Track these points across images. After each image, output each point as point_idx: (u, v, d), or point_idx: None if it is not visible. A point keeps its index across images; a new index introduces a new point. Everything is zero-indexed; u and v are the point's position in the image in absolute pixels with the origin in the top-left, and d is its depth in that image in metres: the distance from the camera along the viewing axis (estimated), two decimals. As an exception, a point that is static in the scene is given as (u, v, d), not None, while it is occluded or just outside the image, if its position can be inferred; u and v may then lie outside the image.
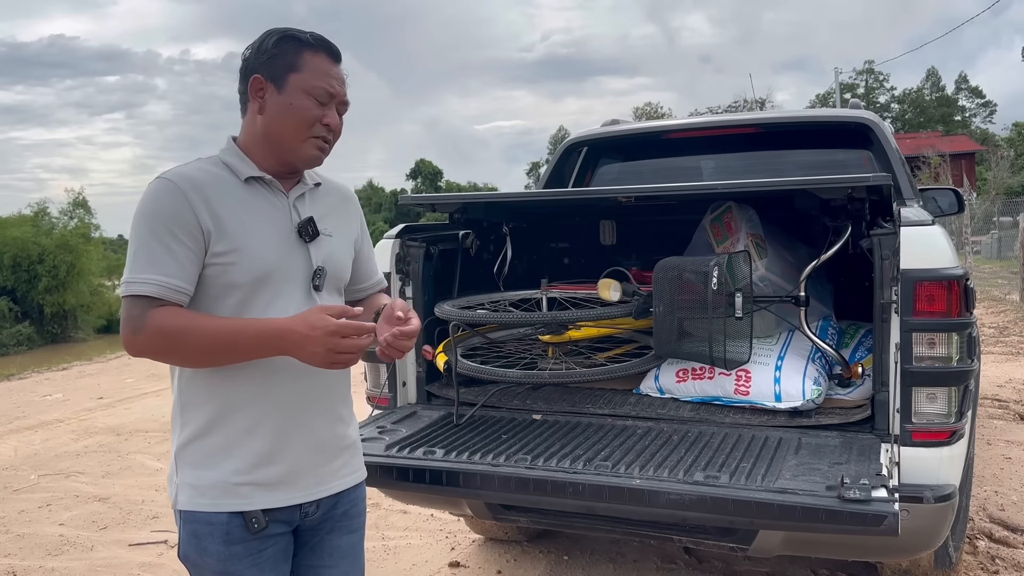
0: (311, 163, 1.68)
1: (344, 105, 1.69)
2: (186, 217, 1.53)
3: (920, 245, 2.27)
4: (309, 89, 1.62)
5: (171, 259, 1.52)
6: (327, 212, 1.75)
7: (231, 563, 1.60)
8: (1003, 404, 6.10)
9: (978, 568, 3.33)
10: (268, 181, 1.65)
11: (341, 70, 1.69)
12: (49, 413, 7.37)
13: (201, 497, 1.61)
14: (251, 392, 1.60)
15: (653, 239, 3.58)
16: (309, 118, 1.62)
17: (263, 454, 1.61)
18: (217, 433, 1.61)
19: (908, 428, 2.26)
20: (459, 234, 3.20)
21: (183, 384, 1.64)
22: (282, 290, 1.61)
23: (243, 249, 1.57)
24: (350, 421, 1.81)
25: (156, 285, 1.51)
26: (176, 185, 1.54)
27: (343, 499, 1.77)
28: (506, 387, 3.03)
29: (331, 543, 1.77)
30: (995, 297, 13.46)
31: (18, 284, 20.95)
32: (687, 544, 2.96)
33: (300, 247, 1.66)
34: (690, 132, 4.54)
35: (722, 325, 2.52)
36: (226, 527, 1.59)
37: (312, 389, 1.66)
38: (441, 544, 3.83)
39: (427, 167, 63.02)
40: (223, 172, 1.62)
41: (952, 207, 4.28)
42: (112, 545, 4.03)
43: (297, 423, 1.64)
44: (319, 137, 1.65)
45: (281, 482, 1.63)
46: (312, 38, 1.65)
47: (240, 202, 1.60)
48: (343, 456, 1.76)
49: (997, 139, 48.24)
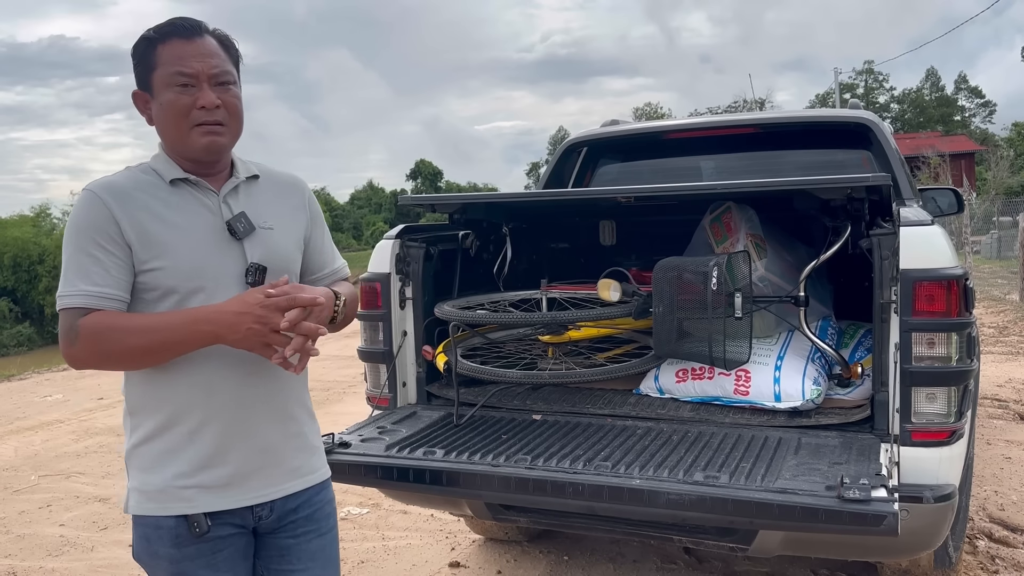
0: (209, 151, 1.60)
1: (218, 76, 1.58)
2: (108, 227, 1.52)
3: (920, 245, 2.27)
4: (168, 80, 1.56)
5: (99, 268, 1.52)
6: (266, 204, 1.70)
7: (183, 564, 1.59)
8: (1003, 404, 6.10)
9: (978, 568, 3.34)
10: (194, 181, 1.62)
11: (204, 42, 1.59)
12: (49, 414, 7.37)
13: (149, 501, 1.60)
14: (193, 395, 1.58)
15: (653, 239, 3.58)
16: (180, 108, 1.56)
17: (207, 457, 1.59)
18: (162, 437, 1.60)
19: (908, 428, 2.26)
20: (459, 234, 3.20)
21: (129, 390, 1.64)
22: (216, 290, 1.57)
23: (170, 254, 1.55)
24: (306, 422, 1.76)
25: (85, 295, 1.51)
26: (97, 196, 1.54)
27: (303, 501, 1.73)
28: (506, 387, 3.03)
29: (299, 547, 1.73)
30: (995, 297, 13.46)
31: (18, 285, 20.97)
32: (687, 544, 2.96)
33: (233, 245, 1.61)
34: (690, 132, 4.54)
35: (722, 325, 2.52)
36: (174, 531, 1.59)
37: (257, 390, 1.63)
38: (441, 544, 3.83)
39: (427, 167, 63.06)
40: (150, 177, 1.61)
41: (952, 207, 4.28)
42: (112, 546, 4.03)
43: (241, 425, 1.61)
44: (201, 124, 1.57)
45: (227, 484, 1.61)
46: (157, 29, 1.58)
47: (166, 206, 1.58)
48: (298, 457, 1.71)
49: (997, 139, 48.28)
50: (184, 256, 1.56)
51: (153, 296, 1.56)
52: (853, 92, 50.71)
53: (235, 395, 1.61)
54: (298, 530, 1.73)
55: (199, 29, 1.60)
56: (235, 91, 1.63)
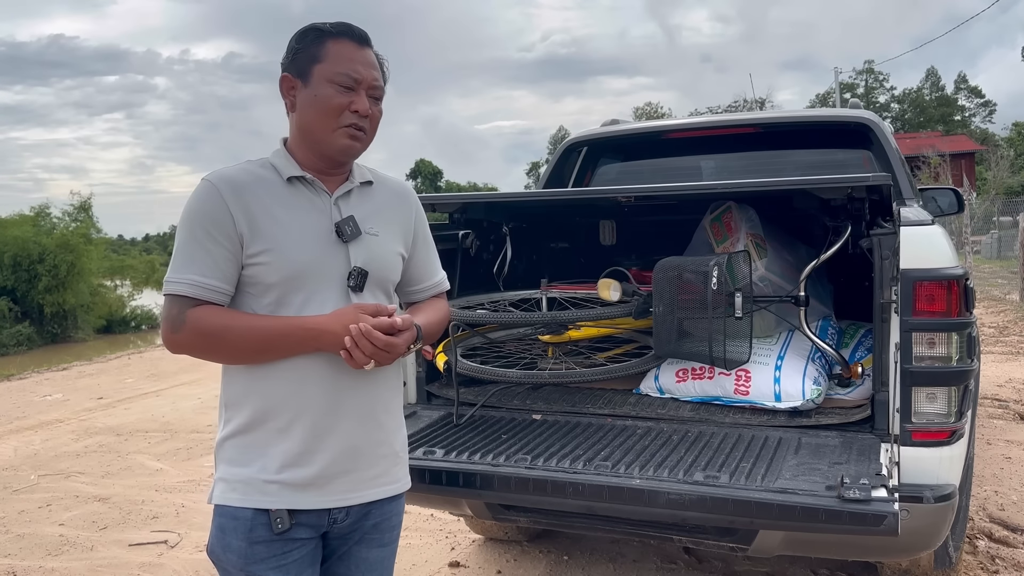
0: (346, 153, 1.65)
1: (375, 89, 1.65)
2: (222, 218, 1.56)
3: (920, 245, 2.26)
4: (332, 77, 1.60)
5: (208, 259, 1.56)
6: (375, 211, 1.72)
7: (252, 563, 1.59)
8: (1003, 404, 6.10)
9: (978, 568, 3.33)
10: (310, 180, 1.65)
11: (370, 53, 1.65)
12: (49, 413, 7.37)
13: (232, 492, 1.61)
14: (286, 393, 1.60)
15: (653, 239, 3.58)
16: (335, 106, 1.60)
17: (294, 455, 1.60)
18: (252, 432, 1.61)
19: (908, 428, 2.26)
20: (459, 234, 3.19)
21: (225, 382, 1.67)
22: (318, 289, 1.60)
23: (277, 249, 1.58)
24: (393, 430, 1.75)
25: (191, 285, 1.55)
26: (214, 187, 1.58)
27: (376, 510, 1.72)
28: (506, 387, 3.03)
29: (359, 554, 1.73)
30: (995, 297, 13.47)
31: (18, 284, 20.92)
32: (687, 544, 2.95)
33: (339, 247, 1.63)
34: (690, 132, 4.54)
35: (722, 325, 2.52)
36: (250, 523, 1.59)
37: (347, 393, 1.63)
38: (441, 544, 3.83)
39: (427, 167, 63.05)
40: (268, 173, 1.64)
41: (952, 207, 4.28)
42: (112, 545, 4.03)
43: (331, 426, 1.62)
44: (349, 125, 1.61)
45: (311, 484, 1.61)
46: (333, 26, 1.63)
47: (280, 202, 1.61)
48: (381, 465, 1.71)
49: (997, 139, 48.26)
50: (289, 252, 1.58)
51: (256, 290, 1.60)
52: (853, 92, 50.73)
53: (326, 396, 1.61)
54: (362, 538, 1.72)
55: (368, 40, 1.66)
56: (380, 108, 1.68)
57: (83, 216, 23.85)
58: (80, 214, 23.82)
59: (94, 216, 24.06)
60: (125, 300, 25.14)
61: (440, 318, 1.83)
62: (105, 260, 24.84)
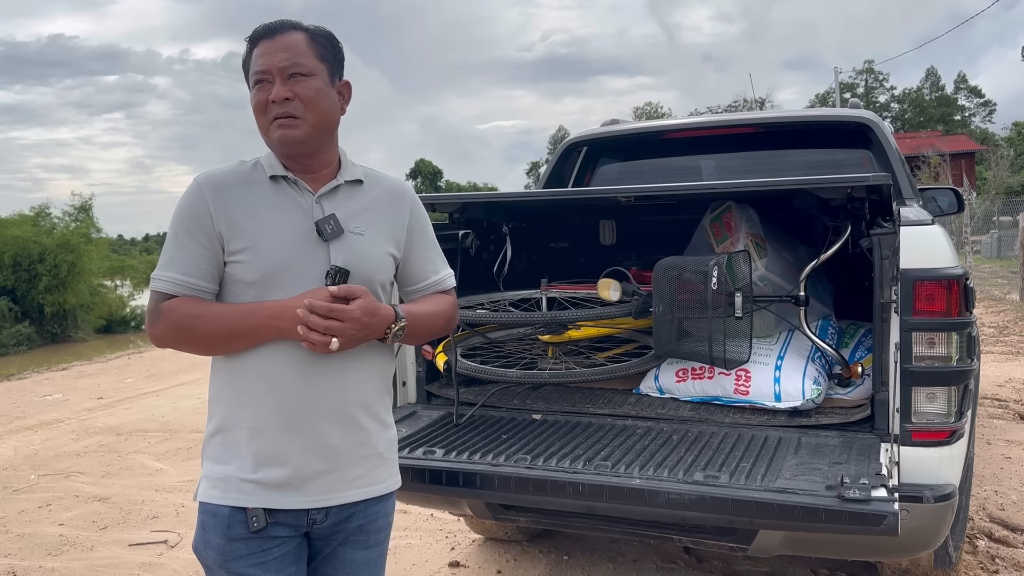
0: (284, 143, 1.62)
1: (289, 68, 1.60)
2: (202, 218, 1.60)
3: (920, 245, 2.26)
4: (251, 81, 1.64)
5: (188, 258, 1.60)
6: (363, 210, 1.70)
7: (231, 560, 1.60)
8: (1003, 404, 6.10)
9: (978, 568, 3.33)
10: (292, 180, 1.66)
11: (280, 39, 1.62)
12: (49, 413, 7.37)
13: (213, 489, 1.63)
14: (259, 391, 1.60)
15: (653, 239, 3.58)
16: (257, 106, 1.63)
17: (268, 454, 1.60)
18: (230, 430, 1.63)
19: (908, 428, 2.26)
20: (459, 234, 3.19)
21: (210, 380, 1.69)
22: (297, 288, 1.59)
23: (255, 248, 1.60)
24: (374, 430, 1.70)
25: (170, 282, 1.60)
26: (199, 187, 1.62)
27: (359, 512, 1.70)
28: (506, 387, 3.03)
29: (344, 555, 1.72)
30: (995, 297, 13.46)
31: (18, 284, 20.93)
32: (687, 544, 2.96)
33: (319, 245, 1.62)
34: (690, 132, 4.54)
35: (722, 325, 2.52)
36: (228, 520, 1.60)
37: (318, 389, 1.62)
38: (441, 544, 3.82)
39: (427, 166, 63.03)
40: (256, 173, 1.67)
41: (952, 207, 4.28)
42: (112, 545, 4.03)
43: (303, 425, 1.61)
44: (276, 117, 1.61)
45: (287, 485, 1.61)
46: (252, 33, 1.65)
47: (264, 202, 1.63)
48: (363, 466, 1.68)
49: (997, 139, 48.27)
50: (267, 251, 1.60)
51: (238, 288, 1.62)
52: (853, 91, 50.72)
53: (297, 394, 1.60)
54: (347, 539, 1.71)
55: (283, 27, 1.64)
56: (312, 82, 1.62)
57: (83, 216, 23.86)
58: (80, 214, 23.83)
59: (94, 216, 24.08)
60: (125, 300, 25.18)
61: (435, 310, 1.79)
62: (105, 260, 24.86)
